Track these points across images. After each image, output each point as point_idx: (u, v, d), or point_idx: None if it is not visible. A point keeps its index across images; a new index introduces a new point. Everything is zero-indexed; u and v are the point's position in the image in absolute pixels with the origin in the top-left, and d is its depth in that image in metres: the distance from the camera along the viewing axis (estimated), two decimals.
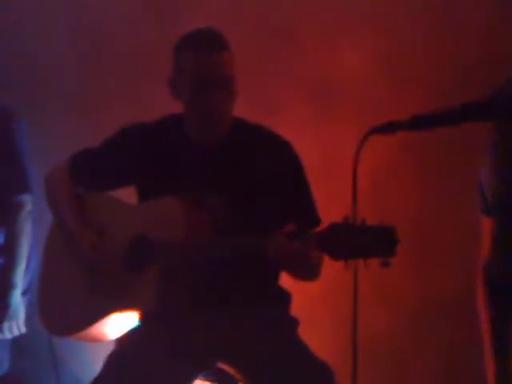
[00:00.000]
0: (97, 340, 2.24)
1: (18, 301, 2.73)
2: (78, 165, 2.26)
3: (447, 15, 2.46)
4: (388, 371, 2.64)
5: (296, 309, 2.20)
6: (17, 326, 2.73)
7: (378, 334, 2.53)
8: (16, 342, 2.81)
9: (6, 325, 2.70)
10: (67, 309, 2.20)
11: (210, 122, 2.07)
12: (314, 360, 1.99)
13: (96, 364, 2.09)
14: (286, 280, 2.11)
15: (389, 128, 1.62)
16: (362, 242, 1.62)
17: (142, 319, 2.12)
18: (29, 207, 2.75)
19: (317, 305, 2.62)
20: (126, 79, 2.98)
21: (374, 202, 2.48)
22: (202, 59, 2.00)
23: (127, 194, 2.24)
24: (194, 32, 2.07)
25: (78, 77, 3.06)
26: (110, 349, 2.14)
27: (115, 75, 3.00)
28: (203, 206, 2.06)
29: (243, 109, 2.29)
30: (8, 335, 2.72)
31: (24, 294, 2.76)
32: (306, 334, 2.10)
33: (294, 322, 2.15)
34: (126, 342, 2.11)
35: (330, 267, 1.79)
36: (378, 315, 2.51)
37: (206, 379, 2.14)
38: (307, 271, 1.96)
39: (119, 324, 2.16)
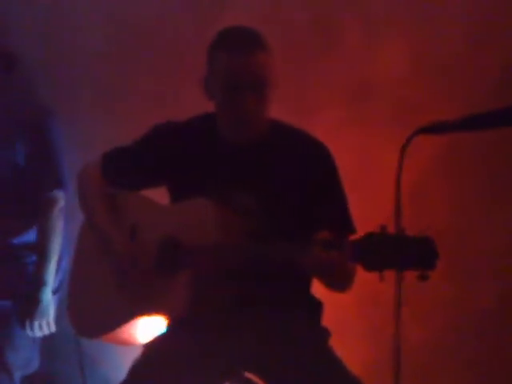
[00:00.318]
0: (125, 343, 2.23)
1: (48, 299, 2.73)
2: (110, 163, 2.23)
3: (490, 14, 2.39)
4: None
5: (328, 319, 2.15)
6: (47, 324, 2.73)
7: (409, 346, 2.48)
8: (45, 341, 2.81)
9: (36, 323, 2.69)
10: (96, 310, 2.18)
11: (242, 124, 2.02)
12: (344, 373, 1.93)
13: (125, 366, 2.06)
14: (318, 289, 2.06)
15: (438, 128, 1.54)
16: (398, 253, 1.56)
17: (170, 325, 2.09)
18: (62, 203, 2.76)
19: (349, 315, 2.57)
20: (163, 77, 2.96)
21: (411, 210, 2.42)
22: (235, 59, 1.94)
23: (159, 195, 2.20)
24: (229, 30, 2.02)
25: (115, 75, 3.05)
26: (139, 351, 2.13)
27: (152, 73, 2.98)
28: (236, 209, 2.02)
29: (277, 110, 2.25)
30: (38, 333, 2.72)
31: (55, 292, 2.77)
32: (337, 345, 2.05)
33: (325, 333, 2.10)
34: (153, 348, 2.08)
35: (365, 276, 1.72)
36: (410, 327, 2.45)
37: None
38: (340, 281, 1.91)
39: (148, 328, 2.14)
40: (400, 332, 1.69)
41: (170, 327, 2.09)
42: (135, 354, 2.11)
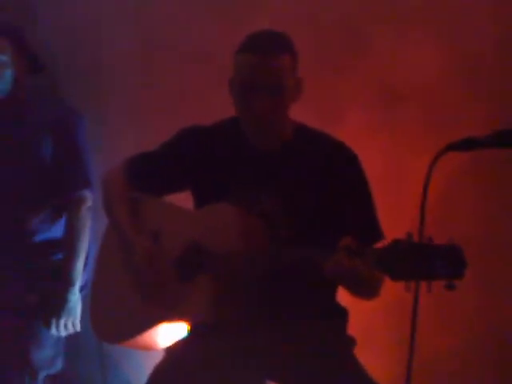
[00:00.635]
0: (146, 348, 2.23)
1: (76, 298, 2.74)
2: (135, 167, 2.22)
3: None
4: None
5: (353, 327, 2.12)
6: (73, 323, 2.74)
7: (437, 356, 2.44)
8: (68, 342, 2.81)
9: (62, 322, 2.71)
10: (117, 316, 2.17)
11: (258, 125, 2.00)
12: (367, 382, 1.90)
13: (147, 369, 2.06)
14: (344, 297, 2.03)
15: (466, 145, 1.50)
16: (426, 262, 1.52)
17: (192, 330, 2.08)
18: (89, 203, 2.78)
19: (375, 324, 2.54)
20: (189, 82, 2.96)
21: (436, 218, 2.39)
22: (252, 60, 1.93)
23: (183, 200, 2.19)
24: (254, 33, 2.00)
25: (141, 79, 3.05)
26: (161, 355, 2.12)
27: (178, 77, 2.98)
28: (260, 213, 2.00)
29: (303, 114, 2.23)
30: (63, 333, 2.73)
31: (81, 291, 2.77)
32: (362, 354, 2.02)
33: (350, 341, 2.07)
34: (174, 353, 2.07)
35: (391, 284, 1.69)
36: (438, 337, 2.42)
37: None
38: (365, 289, 1.87)
39: (170, 333, 2.13)
40: (419, 342, 1.64)
41: (191, 332, 2.08)
42: (157, 357, 2.11)
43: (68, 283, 2.72)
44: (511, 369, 2.52)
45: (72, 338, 2.81)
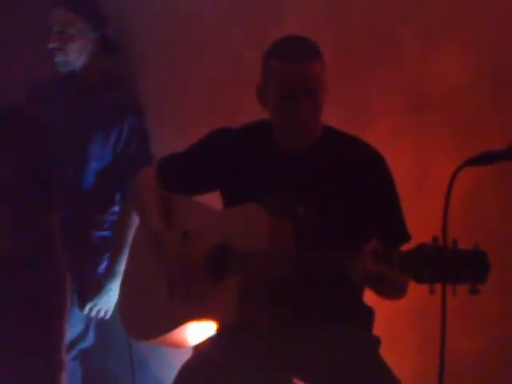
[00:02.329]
0: (176, 346, 2.25)
1: (116, 289, 2.76)
2: (166, 168, 2.26)
3: None
4: None
5: (379, 327, 2.13)
6: (106, 311, 2.82)
7: (464, 357, 2.44)
8: (99, 339, 2.86)
9: (97, 308, 2.80)
10: (147, 314, 2.20)
11: (296, 133, 2.03)
12: (392, 382, 1.92)
13: (175, 367, 2.09)
14: (370, 296, 2.03)
15: (485, 159, 1.52)
16: (450, 266, 1.54)
17: (220, 330, 2.10)
18: None
19: (401, 324, 2.55)
20: (217, 85, 2.97)
21: (462, 221, 2.39)
22: (289, 69, 1.96)
23: (211, 200, 2.22)
24: (284, 39, 2.03)
25: (171, 82, 3.07)
26: (189, 352, 2.15)
27: (206, 81, 3.00)
28: (288, 216, 2.01)
29: (331, 118, 2.25)
30: (93, 315, 2.81)
31: None
32: (388, 354, 2.04)
33: (376, 341, 2.09)
34: (202, 351, 2.09)
35: (416, 285, 1.71)
36: (460, 340, 2.41)
37: None
38: (391, 292, 1.89)
39: (198, 331, 2.15)
40: (446, 344, 1.65)
41: (219, 331, 2.10)
42: (185, 355, 2.13)
43: (112, 273, 2.78)
44: None
45: (102, 335, 2.87)
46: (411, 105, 2.55)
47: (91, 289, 2.81)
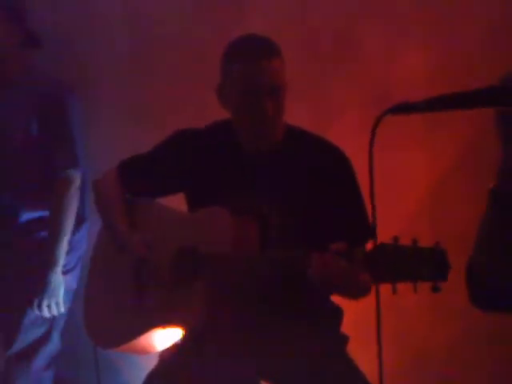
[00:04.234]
0: (142, 353, 2.22)
1: (59, 279, 2.69)
2: (128, 170, 2.24)
3: (510, 23, 2.34)
4: None
5: (347, 325, 2.14)
6: (56, 304, 2.71)
7: (435, 349, 2.45)
8: (65, 345, 2.83)
9: (45, 302, 2.67)
10: (112, 321, 2.18)
11: (260, 131, 2.02)
12: (360, 379, 1.93)
13: (145, 371, 2.08)
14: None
15: (404, 108, 1.53)
16: (410, 265, 1.53)
17: (186, 335, 2.08)
18: (77, 183, 2.71)
19: (369, 321, 2.54)
20: (183, 83, 2.95)
21: (432, 211, 2.40)
22: (249, 67, 1.95)
23: (177, 202, 2.20)
24: (244, 39, 2.02)
25: (136, 81, 3.04)
26: (156, 357, 2.14)
27: (171, 79, 2.97)
28: (253, 217, 2.00)
29: (300, 112, 2.23)
30: (46, 314, 2.70)
31: (66, 272, 2.73)
32: (356, 351, 2.04)
33: (343, 339, 2.09)
34: (168, 357, 2.08)
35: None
36: (436, 331, 2.43)
37: None
38: (353, 291, 1.89)
39: (164, 337, 2.13)
40: (382, 343, 1.64)
41: (185, 336, 2.07)
42: (154, 360, 2.11)
43: (51, 263, 2.66)
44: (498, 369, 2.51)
45: (67, 341, 2.83)
46: (374, 101, 2.55)
47: (35, 284, 2.68)
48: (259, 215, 2.01)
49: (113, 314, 2.17)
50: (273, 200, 2.01)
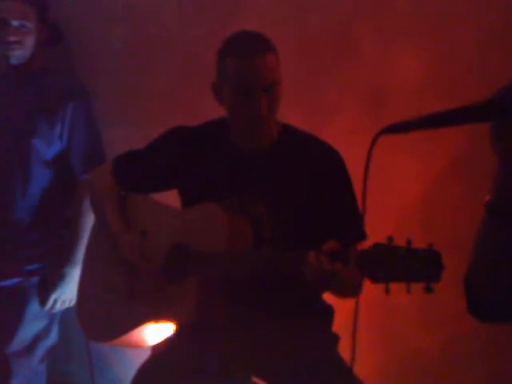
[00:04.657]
0: (133, 347, 2.24)
1: (75, 278, 2.69)
2: (122, 166, 2.25)
3: (506, 25, 2.34)
4: None
5: (338, 324, 2.15)
6: (69, 301, 2.76)
7: (426, 352, 2.47)
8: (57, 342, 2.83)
9: (61, 298, 2.74)
10: (105, 315, 2.19)
11: (255, 127, 2.03)
12: (350, 378, 1.92)
13: (135, 367, 2.07)
14: (330, 295, 2.05)
15: (401, 127, 1.53)
16: (404, 265, 1.55)
17: (178, 329, 2.09)
18: None
19: (359, 321, 2.55)
20: (177, 82, 2.95)
21: (424, 216, 2.41)
22: (246, 64, 1.95)
23: (171, 198, 2.21)
24: (237, 35, 2.03)
25: (130, 79, 3.04)
26: (148, 351, 2.15)
27: (166, 78, 2.97)
28: (246, 214, 2.02)
29: (294, 113, 2.24)
30: (57, 308, 2.75)
31: None
32: (347, 351, 2.05)
33: (334, 339, 2.10)
34: (160, 352, 2.09)
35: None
36: (428, 335, 2.44)
37: None
38: (346, 291, 1.91)
39: (157, 331, 2.14)
40: (356, 343, 1.66)
41: (177, 332, 2.09)
42: (145, 354, 2.12)
43: (72, 261, 2.72)
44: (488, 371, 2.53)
45: (61, 335, 2.84)
46: (369, 102, 2.56)
47: (53, 280, 2.75)
48: (253, 214, 2.02)
49: (106, 308, 2.18)
50: (266, 199, 2.02)
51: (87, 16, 3.08)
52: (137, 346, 2.21)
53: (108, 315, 2.17)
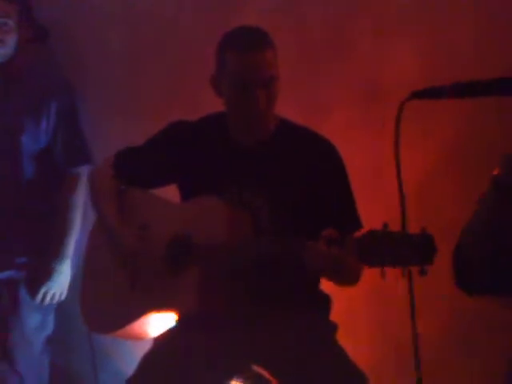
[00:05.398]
0: (136, 338, 2.26)
1: (67, 270, 2.77)
2: (123, 162, 2.28)
3: (502, 22, 2.35)
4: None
5: (336, 313, 2.17)
6: (60, 294, 2.79)
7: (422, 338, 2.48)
8: (59, 334, 2.86)
9: (51, 292, 2.76)
10: (107, 307, 2.21)
11: (253, 122, 2.06)
12: (349, 366, 1.96)
13: (137, 359, 2.10)
14: (327, 284, 2.07)
15: (431, 93, 1.58)
16: (398, 249, 1.59)
17: (180, 320, 2.12)
18: (85, 178, 2.74)
19: (357, 310, 2.58)
20: (176, 76, 2.97)
21: (417, 209, 2.42)
22: (245, 59, 1.98)
23: (171, 193, 2.24)
24: (237, 31, 2.06)
25: (129, 73, 3.07)
26: (150, 343, 2.17)
27: (165, 72, 3.00)
28: (245, 207, 2.05)
29: (291, 109, 2.27)
30: (48, 302, 2.78)
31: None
32: (345, 339, 2.08)
33: (333, 327, 2.13)
34: (163, 342, 2.11)
35: (372, 271, 1.74)
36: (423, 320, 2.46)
37: (241, 381, 2.13)
38: (345, 278, 1.93)
39: (159, 322, 2.16)
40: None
41: (179, 322, 2.11)
42: (146, 346, 2.14)
43: (61, 255, 2.74)
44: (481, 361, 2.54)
45: (63, 329, 2.86)
46: (366, 99, 2.58)
47: (42, 274, 2.77)
48: (253, 207, 2.05)
49: (108, 300, 2.20)
50: (265, 191, 2.06)
51: (87, 13, 3.10)
52: (139, 338, 2.23)
53: (110, 307, 2.19)
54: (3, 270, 2.78)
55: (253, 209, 2.05)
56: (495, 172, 1.54)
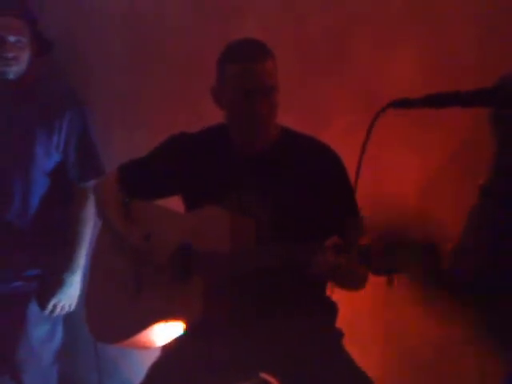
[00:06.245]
0: (143, 348, 2.26)
1: (77, 281, 2.80)
2: (127, 174, 2.30)
3: (502, 27, 2.37)
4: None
5: (342, 320, 2.19)
6: (69, 306, 2.82)
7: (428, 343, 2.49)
8: (65, 342, 2.86)
9: (61, 304, 2.79)
10: (113, 317, 2.22)
11: (254, 132, 2.07)
12: (356, 373, 1.97)
13: (144, 368, 2.11)
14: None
15: (404, 103, 1.63)
16: (402, 257, 1.61)
17: (187, 329, 2.12)
18: None
19: (363, 316, 2.59)
20: (177, 89, 2.98)
21: (420, 208, 2.44)
22: (246, 68, 2.00)
23: (174, 204, 2.25)
24: (237, 42, 2.08)
25: (131, 86, 3.07)
26: (157, 353, 2.17)
27: (166, 85, 3.00)
28: (249, 216, 2.06)
29: (290, 116, 2.27)
30: (57, 313, 2.80)
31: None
32: (351, 345, 2.10)
33: (339, 334, 2.14)
34: (170, 351, 2.13)
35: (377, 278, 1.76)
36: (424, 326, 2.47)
37: None
38: (351, 283, 1.96)
39: (166, 331, 2.17)
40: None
41: (187, 331, 2.12)
42: (153, 355, 2.15)
43: (72, 268, 2.78)
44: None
45: (69, 338, 2.87)
46: (366, 105, 2.58)
47: (52, 287, 2.80)
48: (256, 215, 2.06)
49: (114, 310, 2.22)
50: (266, 199, 2.07)
51: (89, 20, 3.10)
52: (145, 347, 2.24)
53: (116, 317, 2.21)
54: (11, 282, 2.80)
55: (255, 216, 2.06)
56: (481, 181, 1.55)
